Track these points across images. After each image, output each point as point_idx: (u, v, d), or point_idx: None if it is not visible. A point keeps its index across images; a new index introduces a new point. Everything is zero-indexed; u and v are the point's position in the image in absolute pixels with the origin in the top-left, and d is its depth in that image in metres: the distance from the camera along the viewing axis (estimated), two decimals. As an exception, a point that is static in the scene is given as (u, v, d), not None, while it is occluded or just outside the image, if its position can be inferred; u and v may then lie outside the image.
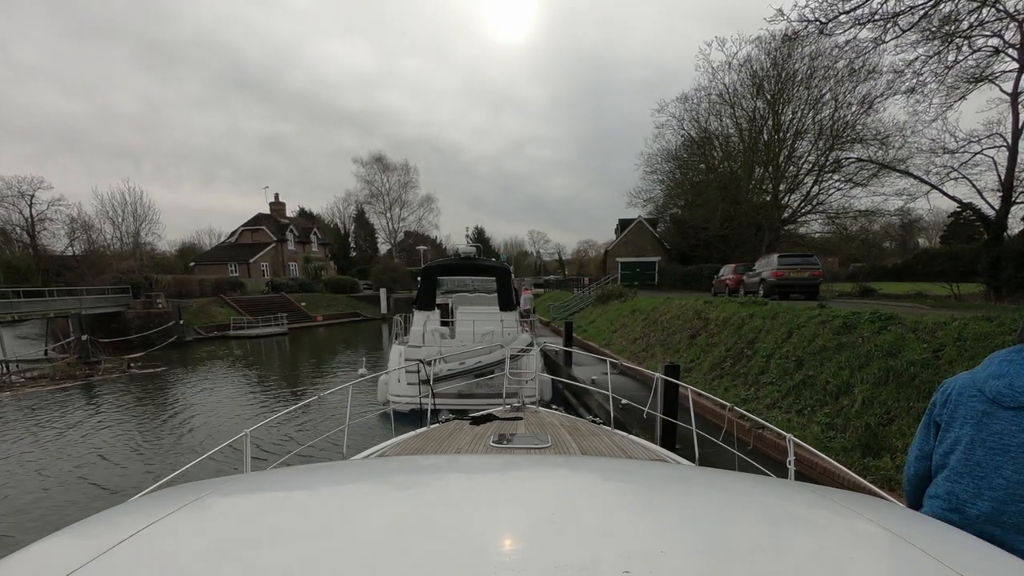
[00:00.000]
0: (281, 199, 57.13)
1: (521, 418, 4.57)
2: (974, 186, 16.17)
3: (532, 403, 5.50)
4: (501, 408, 5.12)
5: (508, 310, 13.19)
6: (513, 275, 15.46)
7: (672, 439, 7.02)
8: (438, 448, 3.64)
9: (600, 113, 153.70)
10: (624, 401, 9.33)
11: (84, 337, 22.10)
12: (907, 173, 20.90)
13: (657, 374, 6.19)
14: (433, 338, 12.06)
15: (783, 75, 28.25)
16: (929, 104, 16.67)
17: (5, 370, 19.90)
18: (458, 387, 10.17)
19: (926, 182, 18.34)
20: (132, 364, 21.57)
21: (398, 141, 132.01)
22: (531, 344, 12.37)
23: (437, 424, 4.57)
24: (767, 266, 16.83)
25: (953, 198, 17.39)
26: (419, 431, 4.35)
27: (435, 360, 10.77)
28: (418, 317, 12.78)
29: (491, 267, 14.47)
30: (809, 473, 6.25)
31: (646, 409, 5.61)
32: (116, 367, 20.89)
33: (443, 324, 13.00)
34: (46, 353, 24.24)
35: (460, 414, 4.93)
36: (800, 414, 7.91)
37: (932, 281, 19.52)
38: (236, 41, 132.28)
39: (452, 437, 3.92)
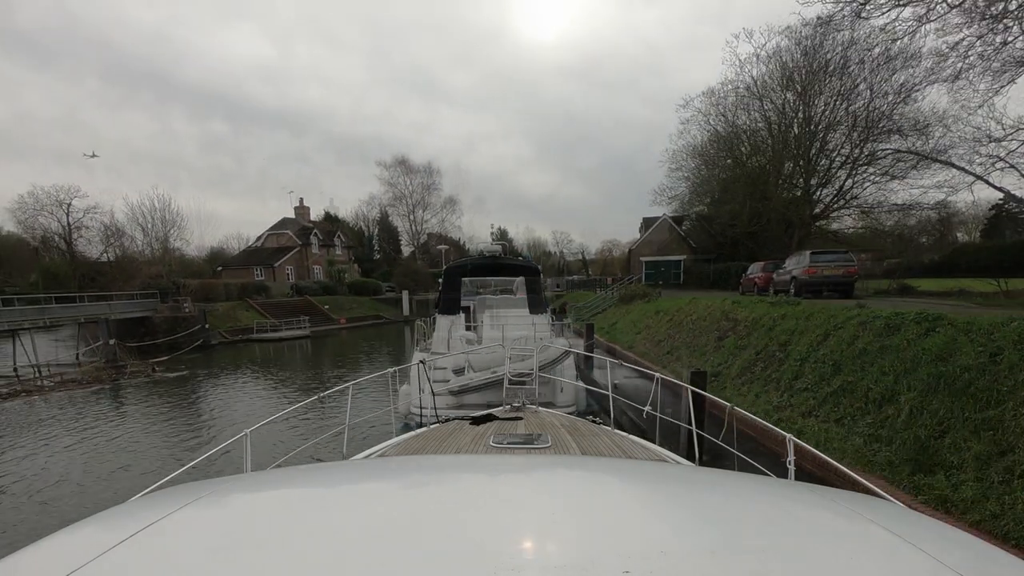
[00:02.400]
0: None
1: (521, 418, 4.58)
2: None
3: (570, 410, 5.34)
4: (501, 408, 5.14)
5: (539, 312, 12.09)
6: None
7: (700, 449, 6.51)
8: (438, 448, 3.67)
9: (532, 102, 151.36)
10: (647, 408, 8.83)
11: (112, 341, 22.50)
12: (949, 164, 19.88)
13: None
14: (459, 345, 10.91)
15: (814, 65, 27.15)
16: (974, 90, 15.76)
17: (37, 374, 20.32)
18: (488, 397, 9.40)
19: (970, 173, 17.41)
20: (156, 367, 21.86)
21: (336, 139, 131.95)
22: (567, 350, 10.90)
23: (437, 424, 4.60)
24: (798, 264, 16.11)
25: (1000, 189, 16.39)
26: (419, 431, 4.39)
27: (465, 368, 9.97)
28: (441, 322, 11.69)
29: (519, 267, 13.42)
30: (821, 473, 5.68)
31: (646, 409, 5.38)
32: (142, 370, 21.19)
33: (468, 329, 11.96)
34: (77, 357, 24.77)
35: (461, 414, 4.93)
36: (839, 424, 7.32)
37: (974, 277, 18.43)
38: (99, 30, 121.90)
39: (452, 437, 3.94)
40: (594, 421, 4.93)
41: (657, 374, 5.49)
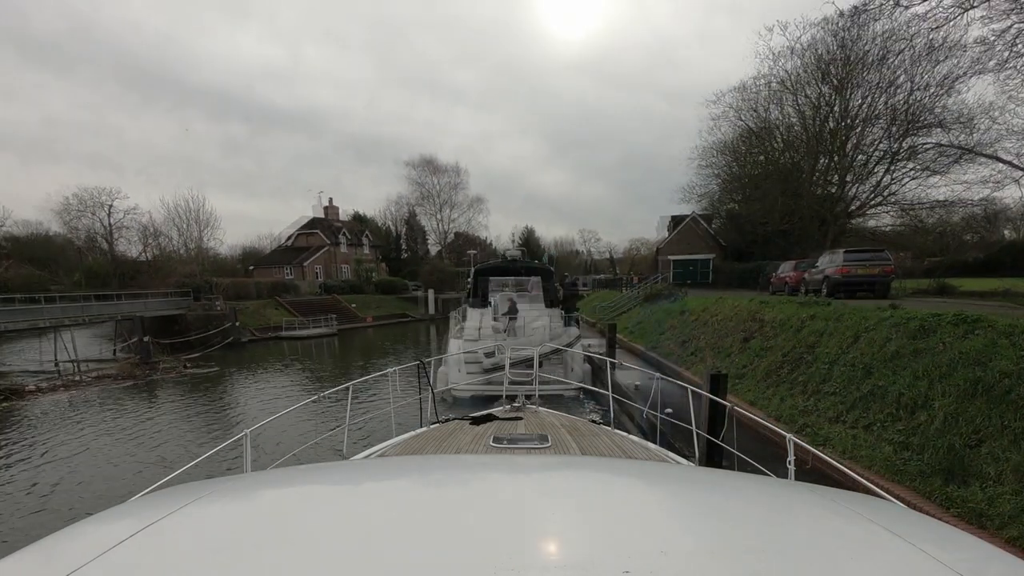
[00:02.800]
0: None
1: (521, 418, 4.56)
2: (1078, 169, 14.28)
3: (579, 381, 5.61)
4: (501, 408, 5.11)
5: (551, 306, 15.06)
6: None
7: (718, 457, 6.27)
8: (438, 448, 3.68)
9: (546, 99, 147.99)
10: (668, 410, 8.61)
11: (146, 338, 23.18)
12: (995, 158, 18.92)
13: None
14: (490, 331, 13.47)
15: (851, 58, 26.15)
16: (1023, 80, 14.90)
17: (76, 369, 21.11)
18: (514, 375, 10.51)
19: (1018, 167, 16.43)
20: (187, 364, 22.46)
21: (354, 139, 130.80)
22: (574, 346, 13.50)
23: (437, 424, 4.62)
24: (831, 262, 15.52)
25: (1051, 183, 15.43)
26: (419, 431, 4.41)
27: (495, 350, 11.93)
28: (472, 313, 14.56)
29: (535, 268, 16.53)
30: (830, 473, 5.38)
31: (645, 409, 5.35)
32: (173, 367, 21.78)
33: (494, 320, 14.33)
34: (114, 353, 25.65)
35: (460, 414, 4.96)
36: (868, 430, 6.96)
37: (1022, 276, 17.41)
38: (112, 34, 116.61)
39: (452, 437, 3.95)
40: (594, 421, 4.90)
41: (657, 375, 5.40)
